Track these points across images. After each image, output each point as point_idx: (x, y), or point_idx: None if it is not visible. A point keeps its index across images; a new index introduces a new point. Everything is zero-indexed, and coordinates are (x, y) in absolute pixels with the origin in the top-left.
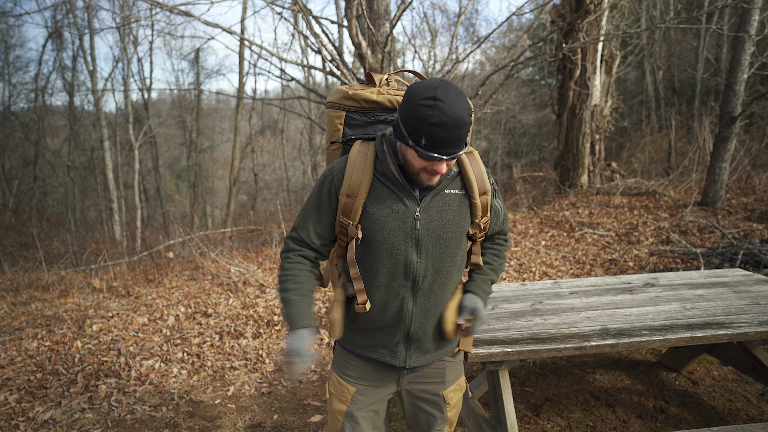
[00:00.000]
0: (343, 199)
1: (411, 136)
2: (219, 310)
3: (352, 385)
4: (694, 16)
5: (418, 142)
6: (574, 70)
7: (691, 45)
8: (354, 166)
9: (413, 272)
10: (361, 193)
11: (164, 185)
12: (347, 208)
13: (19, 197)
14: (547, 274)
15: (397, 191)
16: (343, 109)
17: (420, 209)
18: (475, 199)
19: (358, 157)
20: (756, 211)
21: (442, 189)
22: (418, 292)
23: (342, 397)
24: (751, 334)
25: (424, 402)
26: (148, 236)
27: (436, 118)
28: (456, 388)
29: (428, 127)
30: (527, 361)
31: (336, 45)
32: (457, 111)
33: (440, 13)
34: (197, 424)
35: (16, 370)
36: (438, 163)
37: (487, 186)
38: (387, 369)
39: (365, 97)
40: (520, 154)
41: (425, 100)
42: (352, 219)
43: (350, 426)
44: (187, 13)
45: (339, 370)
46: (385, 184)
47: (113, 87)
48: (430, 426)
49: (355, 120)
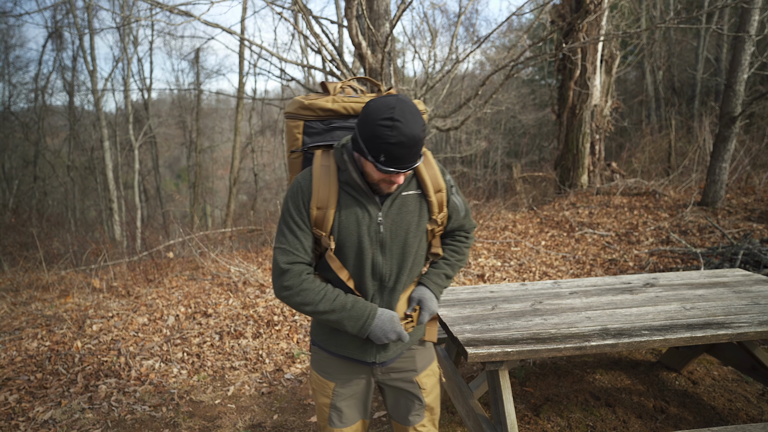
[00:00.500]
0: (314, 211)
1: (370, 152)
2: (219, 310)
3: (331, 381)
4: (694, 16)
5: (377, 159)
6: (574, 70)
7: (691, 45)
8: (320, 179)
9: (380, 273)
10: (331, 204)
11: (164, 185)
12: (319, 219)
13: (19, 197)
14: (547, 274)
15: (360, 198)
16: (300, 119)
17: (382, 214)
18: (430, 197)
19: (322, 170)
20: (756, 211)
21: (400, 192)
22: (385, 290)
23: (324, 392)
24: (751, 334)
25: (401, 390)
26: (148, 236)
27: (395, 138)
28: (429, 374)
29: (387, 146)
30: (527, 361)
31: (336, 45)
32: (413, 130)
33: (440, 13)
34: (197, 424)
35: (16, 370)
36: (396, 175)
37: (441, 184)
38: (360, 364)
39: (321, 105)
40: (520, 154)
41: (383, 120)
42: (324, 230)
43: (336, 415)
44: (187, 13)
45: (317, 368)
46: (350, 193)
47: (113, 87)
48: (410, 412)
49: (313, 128)
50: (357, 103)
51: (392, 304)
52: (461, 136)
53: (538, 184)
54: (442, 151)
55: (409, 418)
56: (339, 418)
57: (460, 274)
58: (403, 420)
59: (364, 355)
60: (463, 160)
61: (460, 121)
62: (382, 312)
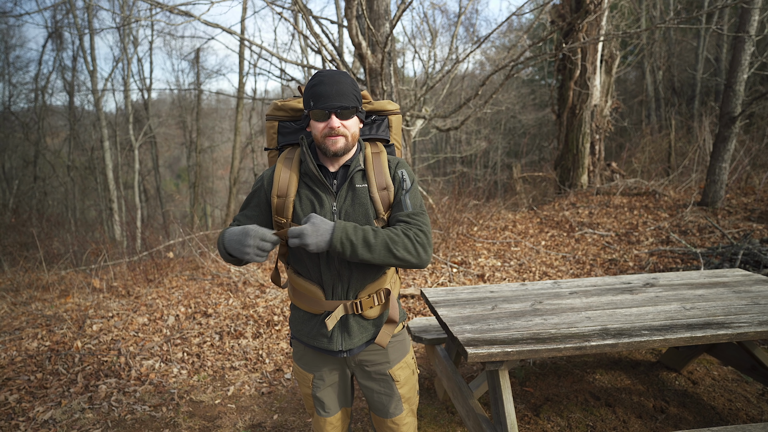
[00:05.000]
0: (275, 199)
1: (305, 106)
2: (219, 310)
3: (309, 372)
4: (694, 16)
5: (308, 106)
6: (574, 70)
7: (691, 45)
8: (281, 170)
9: (336, 263)
10: (290, 192)
11: (164, 185)
12: (279, 207)
13: (19, 197)
14: (547, 274)
15: (316, 189)
16: (275, 119)
17: (336, 204)
18: (373, 193)
19: (285, 162)
20: (756, 211)
21: (354, 184)
22: (342, 278)
23: (305, 383)
24: (751, 334)
25: (375, 383)
26: (148, 236)
27: (316, 80)
28: (402, 366)
29: (312, 90)
30: (527, 361)
31: (336, 45)
32: (334, 74)
33: (440, 13)
34: (197, 424)
35: (16, 370)
36: (330, 120)
37: (387, 181)
38: (330, 355)
39: (292, 106)
40: (520, 154)
41: (312, 78)
42: (286, 216)
43: (318, 403)
44: (187, 13)
45: (297, 360)
46: (308, 184)
47: (113, 87)
48: (387, 405)
49: (286, 128)
50: None
51: (354, 294)
52: (461, 136)
53: (538, 184)
54: (442, 151)
55: (388, 411)
56: (322, 407)
57: (460, 274)
58: (381, 413)
59: (330, 345)
60: (463, 160)
61: (460, 121)
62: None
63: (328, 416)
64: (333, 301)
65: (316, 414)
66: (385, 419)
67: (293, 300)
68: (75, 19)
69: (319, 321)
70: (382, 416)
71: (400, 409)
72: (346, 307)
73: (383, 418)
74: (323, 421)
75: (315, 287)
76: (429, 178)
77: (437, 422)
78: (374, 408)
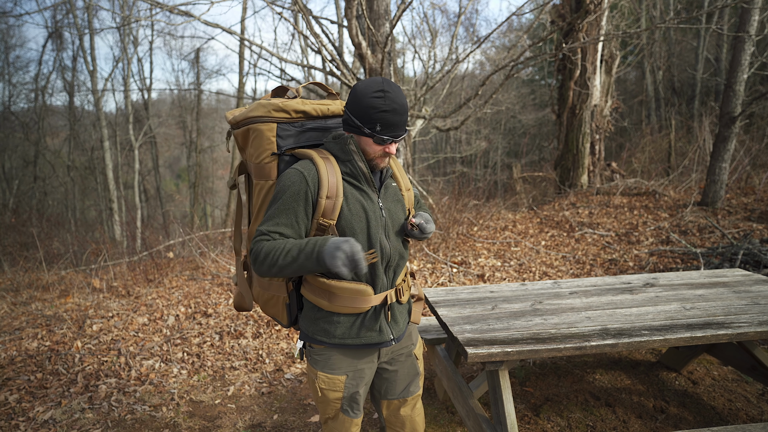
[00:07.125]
0: (323, 201)
1: (366, 125)
2: (219, 310)
3: (341, 374)
4: (694, 16)
5: (373, 129)
6: (574, 70)
7: (691, 45)
8: (326, 170)
9: (387, 255)
10: (339, 193)
11: (164, 185)
12: (327, 209)
13: (19, 197)
14: (547, 274)
15: (363, 187)
16: (273, 122)
17: (381, 200)
18: (403, 191)
19: (326, 162)
20: (756, 211)
21: (390, 182)
22: (389, 271)
23: (335, 388)
24: (751, 334)
25: (402, 365)
26: (148, 236)
27: (388, 106)
28: (419, 345)
29: (381, 114)
30: (527, 361)
31: (336, 45)
32: (402, 99)
33: (440, 13)
34: (197, 424)
35: (16, 370)
36: (390, 145)
37: (408, 184)
38: (371, 349)
39: (295, 107)
40: (520, 154)
41: (375, 93)
42: (332, 218)
43: (352, 404)
44: (187, 13)
45: (323, 368)
46: (352, 183)
47: (113, 87)
48: (408, 385)
49: (287, 131)
50: (321, 105)
51: (395, 282)
52: (461, 136)
53: (538, 184)
54: (442, 151)
55: (409, 390)
56: (356, 407)
57: (460, 274)
58: (402, 394)
59: (381, 336)
60: (463, 160)
61: (460, 121)
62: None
63: (357, 417)
64: (380, 294)
65: (345, 416)
66: (406, 398)
67: (329, 308)
68: (75, 19)
69: (365, 317)
70: (403, 396)
71: (418, 387)
72: (390, 296)
73: (403, 398)
74: (350, 422)
75: (363, 286)
76: (429, 178)
77: (437, 422)
78: (391, 393)
